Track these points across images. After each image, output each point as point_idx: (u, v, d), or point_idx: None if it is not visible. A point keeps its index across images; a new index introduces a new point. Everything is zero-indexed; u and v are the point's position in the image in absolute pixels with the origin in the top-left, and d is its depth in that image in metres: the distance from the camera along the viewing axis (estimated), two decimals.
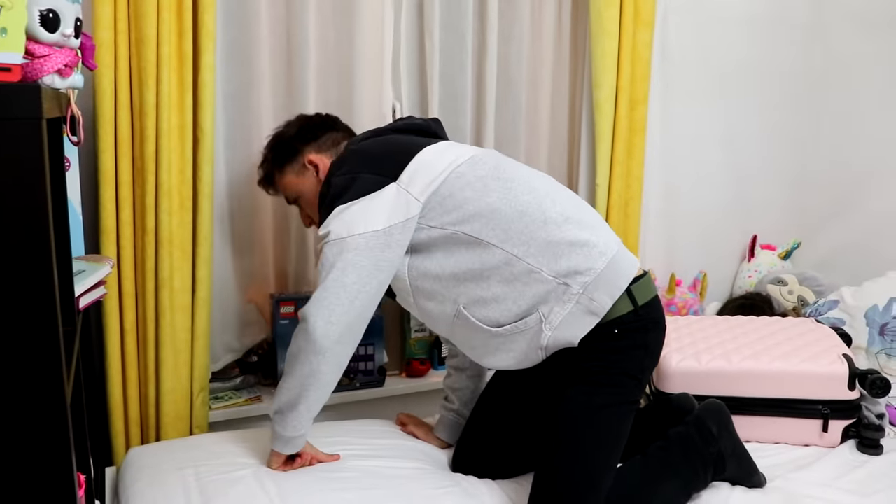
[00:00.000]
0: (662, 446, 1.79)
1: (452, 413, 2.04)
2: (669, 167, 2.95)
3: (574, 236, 1.69)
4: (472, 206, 1.69)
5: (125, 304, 2.08)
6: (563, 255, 1.67)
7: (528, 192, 1.73)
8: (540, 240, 1.67)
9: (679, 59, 2.88)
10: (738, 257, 3.22)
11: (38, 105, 1.00)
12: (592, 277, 1.66)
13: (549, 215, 1.70)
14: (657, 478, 1.74)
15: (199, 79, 2.05)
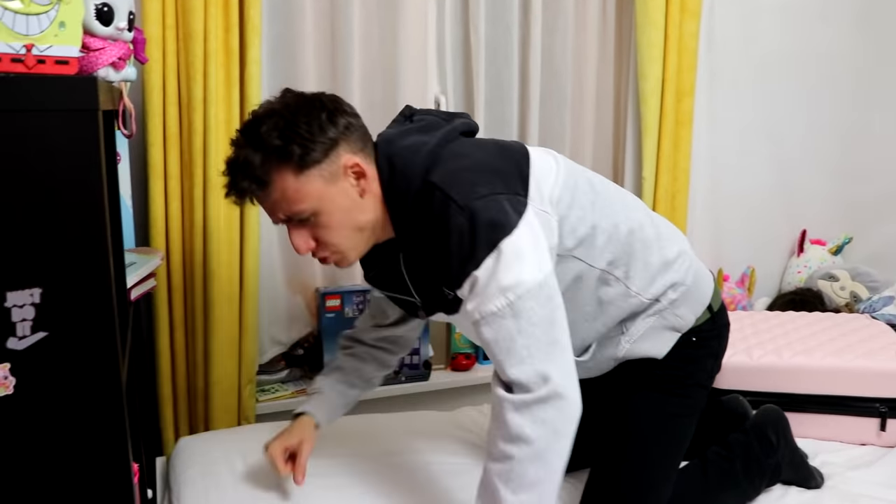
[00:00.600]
0: (723, 455, 1.72)
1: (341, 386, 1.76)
2: (716, 160, 2.91)
3: (667, 253, 1.56)
4: (583, 229, 1.47)
5: (174, 297, 2.10)
6: (660, 276, 1.54)
7: (623, 208, 1.54)
8: (641, 261, 1.53)
9: (725, 50, 2.84)
10: (787, 252, 3.16)
11: (95, 97, 1.01)
12: (681, 293, 1.56)
13: (647, 233, 1.55)
14: (717, 487, 1.69)
15: (246, 73, 2.06)
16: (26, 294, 0.99)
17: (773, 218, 3.09)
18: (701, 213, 2.90)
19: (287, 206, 1.35)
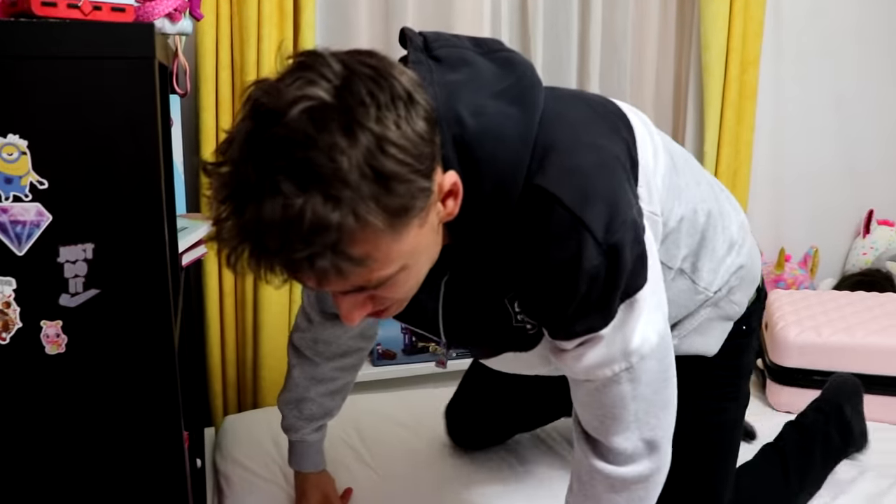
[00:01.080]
0: (802, 447, 1.56)
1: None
2: (779, 135, 2.80)
3: (732, 232, 1.30)
4: (672, 223, 1.18)
5: (224, 266, 2.06)
6: (725, 262, 1.28)
7: (697, 185, 1.25)
8: (710, 249, 1.26)
9: (793, 20, 2.72)
10: (852, 233, 3.04)
11: (151, 45, 0.96)
12: (741, 277, 1.31)
13: (715, 210, 1.26)
14: (798, 487, 1.55)
15: (300, 37, 2.01)
16: (79, 249, 0.95)
17: (838, 196, 2.97)
18: (762, 190, 2.80)
19: (364, 276, 0.87)
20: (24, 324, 0.94)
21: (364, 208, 0.79)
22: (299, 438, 1.51)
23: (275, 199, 0.78)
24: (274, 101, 0.81)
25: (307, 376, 1.46)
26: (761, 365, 2.11)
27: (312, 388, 1.47)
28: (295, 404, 1.48)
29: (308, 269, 0.82)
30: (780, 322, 2.03)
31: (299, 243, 0.79)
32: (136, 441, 1.02)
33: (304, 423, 1.49)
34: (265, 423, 1.86)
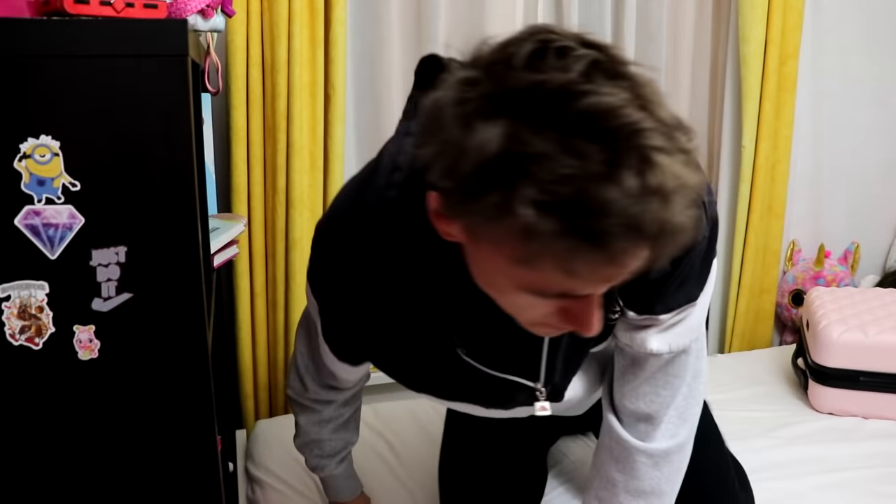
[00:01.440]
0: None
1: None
2: (819, 128, 2.73)
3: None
4: None
5: (255, 265, 2.05)
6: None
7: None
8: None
9: (833, 11, 2.65)
10: (893, 228, 2.97)
11: (185, 42, 0.94)
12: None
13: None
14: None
15: (331, 34, 1.99)
16: (111, 252, 0.93)
17: (880, 191, 2.90)
18: (802, 185, 2.73)
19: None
20: (57, 329, 0.92)
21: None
22: (327, 475, 1.46)
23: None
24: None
25: (313, 422, 1.38)
26: (802, 365, 2.05)
27: (322, 429, 1.39)
28: (310, 446, 1.42)
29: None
30: (823, 321, 1.97)
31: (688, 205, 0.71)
32: (169, 446, 1.01)
33: (326, 461, 1.43)
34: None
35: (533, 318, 0.84)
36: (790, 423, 1.89)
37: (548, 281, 0.74)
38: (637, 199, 0.66)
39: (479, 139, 0.68)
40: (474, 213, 0.72)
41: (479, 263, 0.81)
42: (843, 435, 1.85)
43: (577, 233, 0.67)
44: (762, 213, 2.57)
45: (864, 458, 1.74)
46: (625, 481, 1.15)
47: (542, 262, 0.71)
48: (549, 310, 0.81)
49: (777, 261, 2.67)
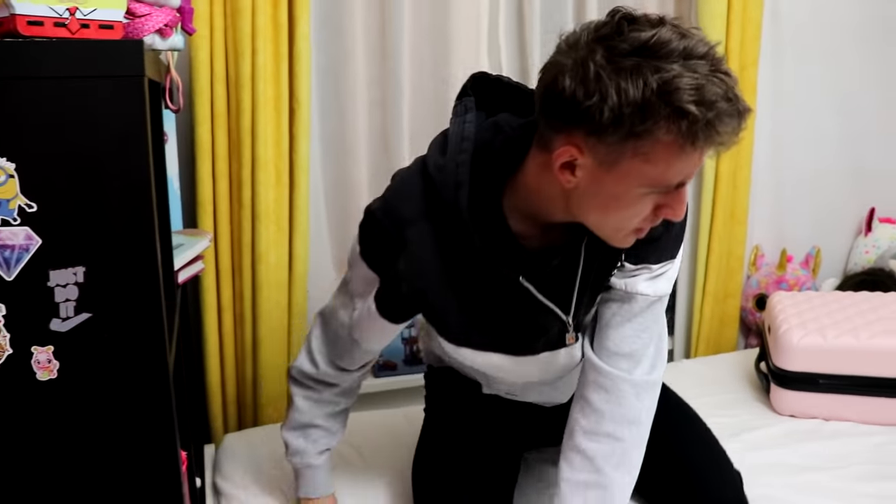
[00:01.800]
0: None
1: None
2: (780, 134, 2.78)
3: None
4: None
5: (222, 280, 2.05)
6: None
7: None
8: None
9: (790, 18, 2.70)
10: (853, 232, 3.02)
11: (141, 63, 0.95)
12: None
13: None
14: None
15: (295, 49, 2.00)
16: (69, 273, 0.94)
17: (840, 196, 2.95)
18: (764, 191, 2.77)
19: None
20: (15, 350, 0.92)
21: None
22: (306, 463, 1.51)
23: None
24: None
25: (312, 401, 1.48)
26: (765, 369, 2.09)
27: (318, 410, 1.48)
28: (301, 430, 1.49)
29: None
30: (784, 325, 2.01)
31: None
32: (131, 464, 1.01)
33: (310, 446, 1.50)
34: (265, 442, 1.84)
35: (638, 220, 1.11)
36: (754, 427, 1.92)
37: (669, 174, 1.04)
38: (726, 102, 0.97)
39: (634, 82, 0.97)
40: (632, 137, 1.00)
41: (606, 188, 1.07)
42: (804, 437, 1.88)
43: (697, 134, 0.98)
44: (725, 219, 2.60)
45: (825, 458, 1.78)
46: (611, 410, 1.29)
47: (670, 165, 1.02)
48: (652, 206, 1.09)
49: (741, 266, 2.71)
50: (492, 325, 1.32)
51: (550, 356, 1.38)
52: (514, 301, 1.28)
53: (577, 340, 1.36)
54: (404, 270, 1.24)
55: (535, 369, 1.41)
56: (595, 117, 0.99)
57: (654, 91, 0.96)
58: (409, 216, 1.22)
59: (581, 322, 1.35)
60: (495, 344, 1.35)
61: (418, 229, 1.22)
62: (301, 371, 1.47)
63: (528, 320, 1.31)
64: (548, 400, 1.55)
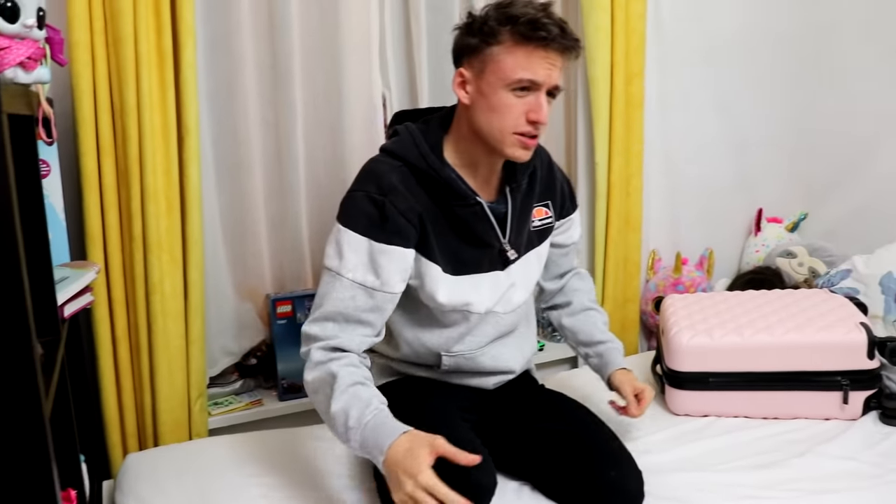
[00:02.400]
0: None
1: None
2: (669, 142, 2.88)
3: None
4: None
5: (116, 312, 2.01)
6: None
7: None
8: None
9: (673, 29, 2.81)
10: (744, 232, 3.15)
11: None
12: None
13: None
14: None
15: (181, 76, 1.99)
16: None
17: (730, 198, 3.08)
18: (656, 197, 2.87)
19: (559, 77, 1.54)
20: None
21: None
22: (373, 409, 1.43)
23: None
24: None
25: (348, 366, 1.50)
26: (660, 370, 2.16)
27: (356, 372, 1.50)
28: (349, 392, 1.45)
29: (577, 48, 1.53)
30: (674, 328, 2.08)
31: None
32: None
33: (367, 400, 1.45)
34: (167, 461, 1.83)
35: (512, 121, 1.52)
36: (650, 429, 1.98)
37: (517, 70, 1.49)
38: (546, 15, 1.48)
39: (482, 10, 1.54)
40: (488, 48, 1.51)
41: (485, 96, 1.53)
42: (696, 436, 1.94)
43: (525, 34, 1.47)
44: (620, 226, 2.68)
45: (715, 455, 1.84)
46: (589, 290, 2.01)
47: (516, 62, 1.49)
48: (521, 111, 1.51)
49: (638, 271, 2.79)
50: (457, 246, 1.64)
51: (496, 277, 1.71)
52: (468, 222, 1.63)
53: (514, 256, 1.72)
54: (394, 188, 1.55)
55: (491, 295, 1.71)
56: (464, 41, 1.55)
57: (493, 8, 1.51)
58: (387, 175, 1.57)
59: (516, 247, 1.72)
60: (461, 264, 1.66)
61: (396, 175, 1.58)
62: (323, 347, 1.52)
63: (479, 238, 1.66)
64: (497, 365, 1.80)
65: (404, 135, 1.64)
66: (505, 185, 1.69)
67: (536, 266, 1.82)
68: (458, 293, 1.67)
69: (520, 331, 1.86)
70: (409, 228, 1.57)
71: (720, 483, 1.72)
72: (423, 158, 1.59)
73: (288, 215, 2.34)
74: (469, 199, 1.61)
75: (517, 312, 1.80)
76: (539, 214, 1.78)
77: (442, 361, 1.75)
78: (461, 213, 1.62)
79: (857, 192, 3.00)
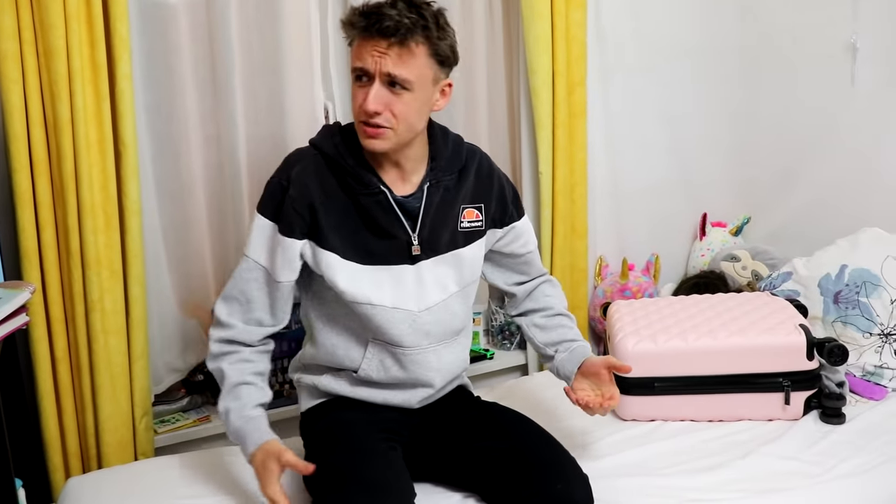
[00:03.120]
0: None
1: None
2: (612, 150, 2.90)
3: None
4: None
5: (54, 331, 1.97)
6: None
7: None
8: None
9: (614, 38, 2.83)
10: (690, 237, 3.19)
11: None
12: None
13: None
14: None
15: (116, 89, 1.96)
16: None
17: (674, 204, 3.11)
18: (601, 205, 2.89)
19: (400, 68, 1.53)
20: None
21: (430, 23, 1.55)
22: (245, 417, 1.61)
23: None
24: None
25: (236, 362, 1.67)
26: None
27: (243, 368, 1.67)
28: (232, 392, 1.64)
29: (405, 29, 1.51)
30: (620, 333, 2.10)
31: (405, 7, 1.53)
32: None
33: (244, 401, 1.63)
34: (111, 484, 1.80)
35: (357, 110, 1.58)
36: (598, 434, 1.99)
37: (353, 61, 1.57)
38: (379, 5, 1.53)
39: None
40: (351, 45, 1.60)
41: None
42: (643, 440, 1.96)
43: (354, 24, 1.54)
44: (566, 234, 2.70)
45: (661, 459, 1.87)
46: (561, 297, 1.98)
47: (353, 52, 1.57)
48: (361, 99, 1.56)
49: (585, 278, 2.80)
50: (364, 236, 1.66)
51: (402, 271, 1.69)
52: (373, 211, 1.64)
53: (421, 253, 1.69)
54: (295, 178, 1.62)
55: (396, 289, 1.68)
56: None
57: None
58: (296, 164, 1.65)
59: (430, 244, 1.70)
60: (368, 254, 1.66)
61: (303, 164, 1.65)
62: (220, 339, 1.69)
63: (383, 229, 1.66)
64: (417, 374, 1.74)
65: (326, 128, 1.74)
66: (425, 182, 1.69)
67: (458, 268, 1.76)
68: (360, 282, 1.66)
69: (446, 341, 1.78)
70: (296, 218, 1.63)
71: (667, 486, 1.74)
72: (334, 147, 1.65)
73: (232, 229, 2.31)
74: (373, 187, 1.63)
75: (437, 315, 1.73)
76: (469, 216, 1.77)
77: (360, 366, 1.72)
78: (365, 202, 1.64)
79: (798, 195, 3.05)
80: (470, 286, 1.81)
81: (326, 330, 1.74)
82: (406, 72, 1.54)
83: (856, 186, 2.82)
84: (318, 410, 1.78)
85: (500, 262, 1.91)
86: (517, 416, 1.81)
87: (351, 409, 1.75)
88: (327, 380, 1.77)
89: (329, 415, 1.76)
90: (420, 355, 1.73)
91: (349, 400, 1.76)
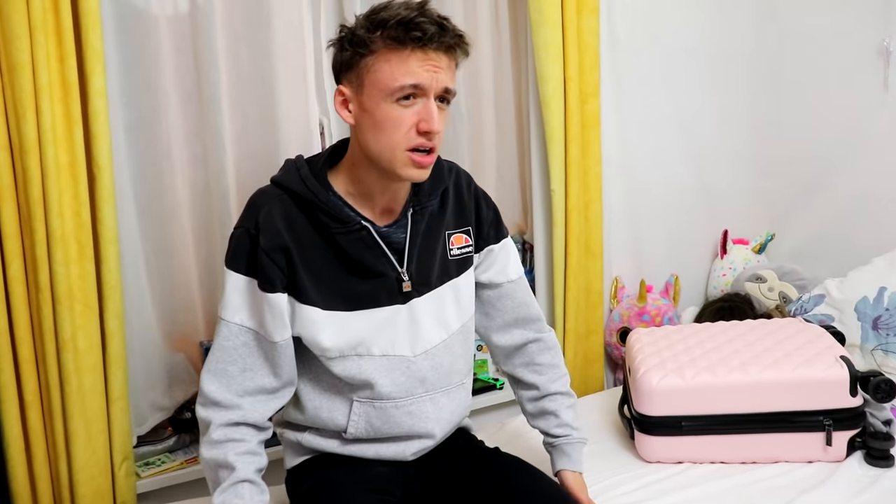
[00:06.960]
0: None
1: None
2: (628, 164, 2.73)
3: None
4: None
5: (23, 373, 1.81)
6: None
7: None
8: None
9: (628, 46, 2.66)
10: (710, 255, 3.02)
11: None
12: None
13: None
14: None
15: (90, 107, 1.80)
16: None
17: (693, 220, 2.94)
18: (617, 223, 2.72)
19: (449, 79, 1.38)
20: None
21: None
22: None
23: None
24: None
25: (244, 453, 1.42)
26: (627, 413, 1.99)
27: (250, 461, 1.42)
28: (232, 489, 1.39)
29: (463, 45, 1.38)
30: (643, 367, 1.92)
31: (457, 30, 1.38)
32: None
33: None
34: None
35: (401, 135, 1.35)
36: (619, 479, 1.82)
37: (395, 77, 1.33)
38: (409, 9, 1.33)
39: (352, 22, 1.38)
40: (362, 60, 1.35)
41: (369, 112, 1.36)
42: (669, 486, 1.78)
43: (397, 38, 1.32)
44: (580, 254, 2.52)
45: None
46: (555, 365, 1.72)
47: (392, 69, 1.33)
48: (413, 120, 1.34)
49: (600, 300, 2.63)
50: (345, 279, 1.45)
51: (396, 312, 1.49)
52: (354, 250, 1.44)
53: (413, 289, 1.50)
54: (263, 223, 1.40)
55: (390, 334, 1.49)
56: (339, 56, 1.40)
57: (363, 17, 1.35)
58: (262, 208, 1.42)
59: (421, 277, 1.51)
60: (353, 299, 1.46)
61: (268, 207, 1.42)
62: (225, 423, 1.43)
63: (367, 268, 1.46)
64: (413, 426, 1.54)
65: (289, 163, 1.49)
66: (408, 209, 1.49)
67: (456, 301, 1.57)
68: (347, 333, 1.46)
69: (444, 388, 1.58)
70: (273, 270, 1.40)
71: None
72: (302, 183, 1.43)
73: (220, 254, 2.14)
74: (352, 223, 1.43)
75: (435, 358, 1.54)
76: (458, 242, 1.57)
77: (347, 428, 1.53)
78: (343, 240, 1.43)
79: (824, 210, 2.89)
80: (469, 322, 1.62)
81: (309, 389, 1.54)
82: (453, 85, 1.40)
83: (889, 199, 2.64)
84: (304, 468, 1.59)
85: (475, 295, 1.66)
86: (523, 466, 1.60)
87: (338, 466, 1.55)
88: (311, 437, 1.58)
89: (315, 473, 1.55)
90: (414, 405, 1.53)
91: (336, 456, 1.56)
